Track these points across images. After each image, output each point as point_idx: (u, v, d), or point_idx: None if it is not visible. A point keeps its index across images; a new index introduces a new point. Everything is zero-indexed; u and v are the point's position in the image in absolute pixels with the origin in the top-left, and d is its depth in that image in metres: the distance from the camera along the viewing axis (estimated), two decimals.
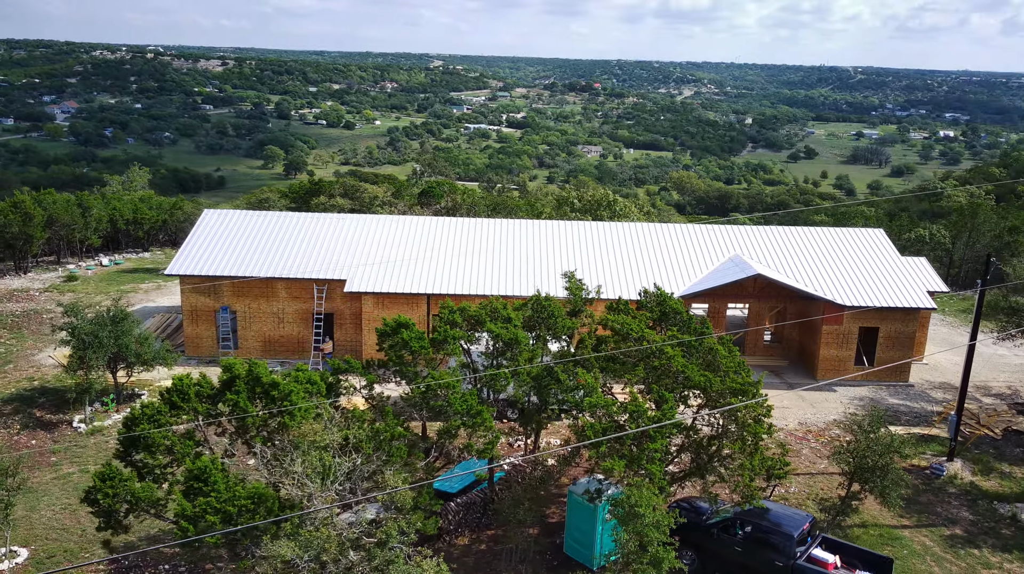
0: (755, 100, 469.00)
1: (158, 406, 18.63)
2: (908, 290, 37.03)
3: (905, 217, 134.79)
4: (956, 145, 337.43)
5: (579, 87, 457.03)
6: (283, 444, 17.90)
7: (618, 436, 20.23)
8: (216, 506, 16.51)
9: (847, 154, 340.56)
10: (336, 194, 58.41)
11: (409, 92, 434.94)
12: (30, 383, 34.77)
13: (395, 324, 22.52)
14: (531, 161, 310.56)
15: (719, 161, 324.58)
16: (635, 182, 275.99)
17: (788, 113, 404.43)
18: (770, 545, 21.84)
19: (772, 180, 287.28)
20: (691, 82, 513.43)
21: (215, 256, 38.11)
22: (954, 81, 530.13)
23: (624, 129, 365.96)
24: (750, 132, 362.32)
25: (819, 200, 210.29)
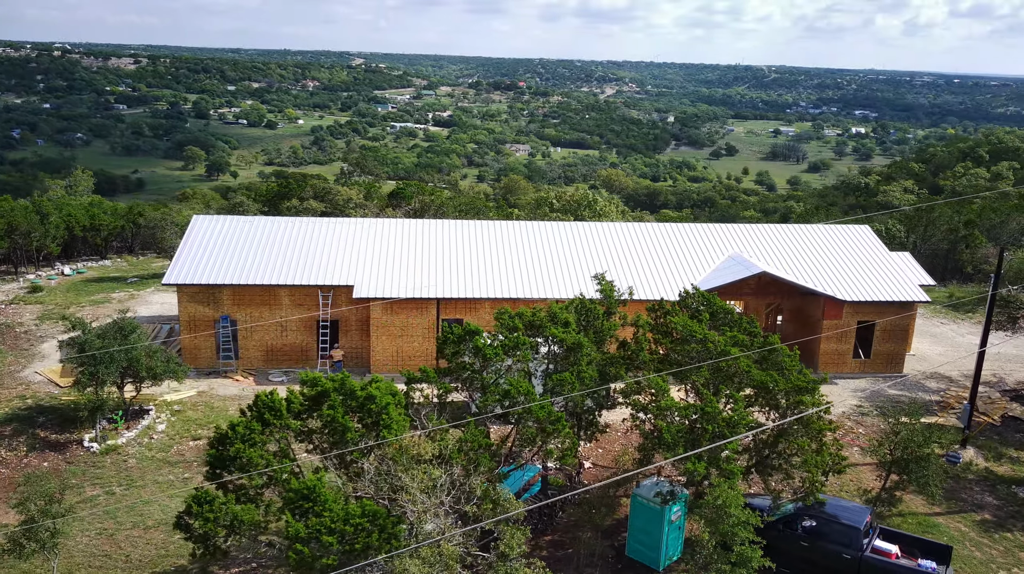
0: (675, 98, 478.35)
1: (248, 423, 17.89)
2: (902, 284, 38.43)
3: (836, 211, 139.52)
4: (868, 141, 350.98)
5: (504, 86, 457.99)
6: (383, 459, 17.45)
7: (717, 446, 20.41)
8: (330, 526, 16.00)
9: (766, 151, 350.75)
10: (307, 197, 57.14)
11: (331, 90, 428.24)
12: (23, 402, 32.98)
13: (463, 332, 22.19)
14: (460, 160, 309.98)
15: (645, 159, 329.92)
16: (565, 180, 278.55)
17: (708, 111, 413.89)
18: (836, 539, 22.37)
19: (696, 177, 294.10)
20: (613, 81, 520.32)
21: (214, 264, 36.84)
22: (862, 80, 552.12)
23: (551, 128, 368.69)
24: (673, 130, 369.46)
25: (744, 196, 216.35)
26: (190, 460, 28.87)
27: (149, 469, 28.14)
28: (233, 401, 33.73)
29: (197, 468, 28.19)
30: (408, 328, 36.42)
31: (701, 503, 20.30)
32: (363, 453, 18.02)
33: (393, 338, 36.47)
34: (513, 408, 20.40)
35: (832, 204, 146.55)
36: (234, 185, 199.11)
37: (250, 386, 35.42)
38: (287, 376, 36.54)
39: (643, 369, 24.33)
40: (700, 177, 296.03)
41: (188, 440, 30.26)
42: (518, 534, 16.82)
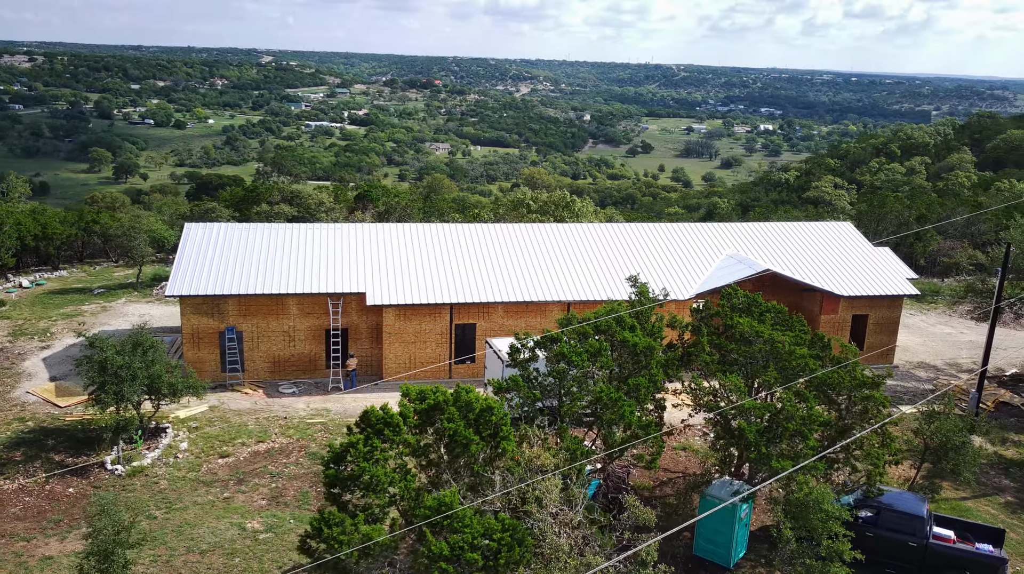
0: (589, 97, 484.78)
1: (367, 439, 17.36)
2: (891, 278, 40.10)
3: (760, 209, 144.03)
4: (775, 138, 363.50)
5: (420, 84, 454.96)
6: (504, 471, 17.26)
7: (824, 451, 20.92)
8: (472, 542, 15.76)
9: (680, 148, 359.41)
10: (276, 201, 55.56)
11: (242, 89, 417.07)
12: (23, 424, 31.16)
13: (543, 338, 22.08)
14: (379, 159, 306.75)
15: (564, 157, 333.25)
16: (487, 179, 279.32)
17: (623, 110, 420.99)
18: (901, 528, 23.23)
19: (615, 175, 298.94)
20: (527, 79, 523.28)
21: (217, 273, 35.55)
22: (766, 78, 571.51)
23: (469, 126, 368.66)
24: (590, 128, 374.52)
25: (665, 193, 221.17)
26: (224, 478, 27.82)
27: (184, 490, 26.99)
28: (248, 415, 32.69)
29: (234, 487, 27.27)
30: (421, 334, 35.98)
31: (786, 500, 20.78)
32: (484, 466, 17.75)
33: (406, 345, 35.97)
34: (607, 414, 20.45)
35: (755, 200, 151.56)
36: (145, 187, 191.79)
37: (261, 399, 34.36)
38: (298, 387, 35.59)
39: (703, 370, 24.72)
40: (619, 175, 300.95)
41: (215, 458, 29.16)
42: (651, 544, 16.91)
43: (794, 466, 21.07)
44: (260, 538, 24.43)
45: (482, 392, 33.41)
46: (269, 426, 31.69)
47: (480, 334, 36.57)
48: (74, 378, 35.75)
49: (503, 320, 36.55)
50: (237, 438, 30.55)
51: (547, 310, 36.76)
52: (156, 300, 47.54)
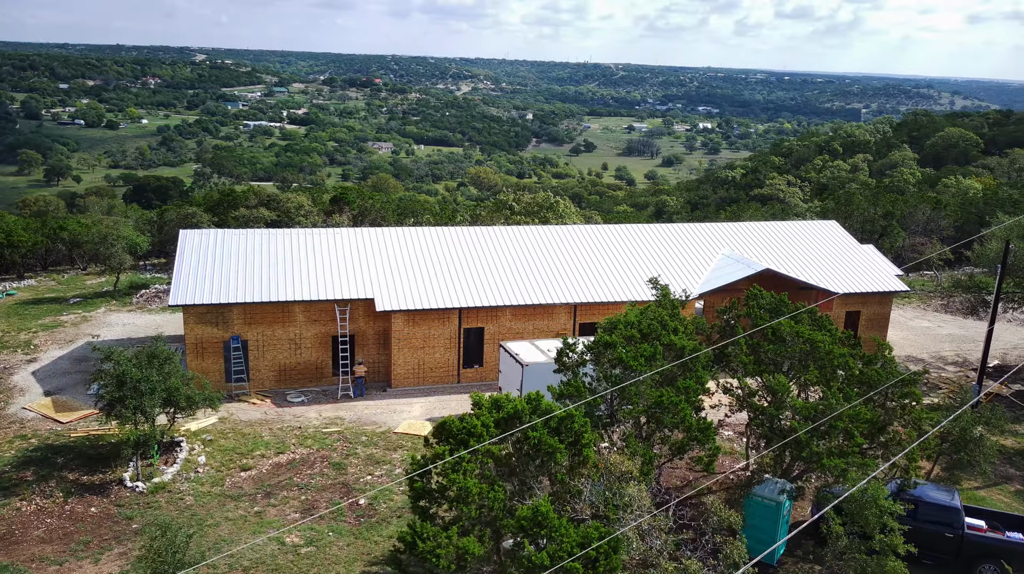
0: (530, 96, 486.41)
1: (456, 451, 17.13)
2: (880, 275, 41.27)
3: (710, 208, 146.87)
4: (714, 136, 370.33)
5: (360, 82, 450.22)
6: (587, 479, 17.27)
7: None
8: (571, 551, 15.75)
9: (622, 147, 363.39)
10: (253, 205, 54.34)
11: (176, 88, 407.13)
12: (27, 442, 29.96)
13: (598, 344, 22.12)
14: (321, 158, 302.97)
15: (509, 156, 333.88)
16: (432, 178, 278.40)
17: (565, 109, 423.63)
18: (937, 519, 23.95)
19: (560, 173, 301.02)
20: (467, 78, 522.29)
21: (220, 281, 34.68)
22: (702, 77, 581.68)
23: (412, 125, 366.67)
24: (533, 127, 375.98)
25: (611, 192, 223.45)
26: (250, 492, 27.18)
27: (212, 506, 26.28)
28: (260, 426, 31.99)
29: (263, 500, 26.67)
30: (430, 339, 35.70)
31: (833, 496, 21.25)
32: (566, 474, 17.71)
33: (415, 350, 35.64)
34: (669, 418, 20.61)
35: (703, 198, 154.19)
36: (80, 190, 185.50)
37: (271, 409, 33.65)
38: (306, 396, 34.95)
39: (740, 370, 25.08)
40: (563, 173, 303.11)
41: (237, 471, 28.46)
42: (740, 546, 17.12)
43: (843, 463, 21.53)
44: (302, 552, 23.96)
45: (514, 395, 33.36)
46: (285, 437, 31.07)
47: (488, 338, 36.46)
48: (71, 392, 34.57)
49: (511, 323, 36.50)
50: (255, 450, 29.89)
51: (554, 312, 36.84)
52: (137, 309, 46.13)
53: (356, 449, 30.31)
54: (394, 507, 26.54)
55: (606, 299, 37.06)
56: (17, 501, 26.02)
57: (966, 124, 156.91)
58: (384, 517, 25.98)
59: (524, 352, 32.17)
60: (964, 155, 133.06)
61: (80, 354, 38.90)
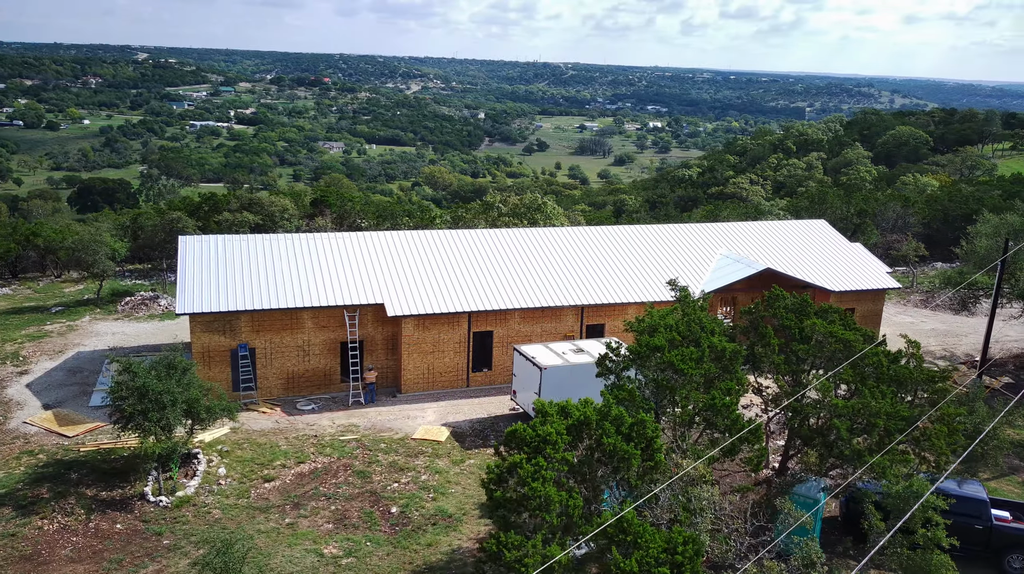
0: (480, 95, 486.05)
1: (534, 460, 17.03)
2: (872, 272, 42.23)
3: (669, 207, 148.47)
4: (664, 135, 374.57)
5: (308, 82, 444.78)
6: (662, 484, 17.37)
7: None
8: (658, 557, 15.83)
9: (575, 146, 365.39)
10: (235, 209, 53.26)
11: (118, 88, 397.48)
12: (35, 458, 28.97)
13: (643, 347, 22.22)
14: (271, 159, 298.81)
15: (462, 155, 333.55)
16: (386, 178, 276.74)
17: (516, 108, 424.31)
18: (966, 511, 24.60)
19: (514, 172, 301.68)
20: (417, 77, 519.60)
21: (227, 289, 33.97)
22: (651, 76, 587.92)
23: (363, 124, 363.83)
24: (485, 126, 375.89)
25: (566, 191, 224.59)
26: (278, 503, 26.70)
27: (241, 518, 25.75)
28: (274, 435, 31.43)
29: (292, 512, 26.23)
30: (440, 344, 35.48)
31: (873, 493, 21.72)
32: (639, 479, 17.76)
33: (424, 355, 35.39)
34: (721, 420, 20.81)
35: (662, 197, 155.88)
36: (21, 193, 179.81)
37: (282, 417, 33.07)
38: (316, 403, 34.44)
39: (772, 371, 25.46)
40: (517, 172, 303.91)
41: (260, 482, 27.93)
42: (814, 545, 17.39)
43: (883, 460, 22.00)
44: (342, 564, 23.65)
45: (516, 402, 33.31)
46: (302, 446, 30.58)
47: (497, 341, 36.38)
48: (71, 405, 33.56)
49: (519, 326, 36.48)
50: (275, 460, 29.37)
51: (561, 315, 36.91)
52: (123, 317, 44.92)
53: (377, 456, 29.98)
54: (427, 515, 26.34)
55: (612, 301, 37.27)
56: (38, 519, 25.17)
57: (914, 122, 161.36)
58: (419, 525, 25.76)
59: (540, 355, 32.18)
60: (915, 153, 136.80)
61: (73, 365, 37.76)
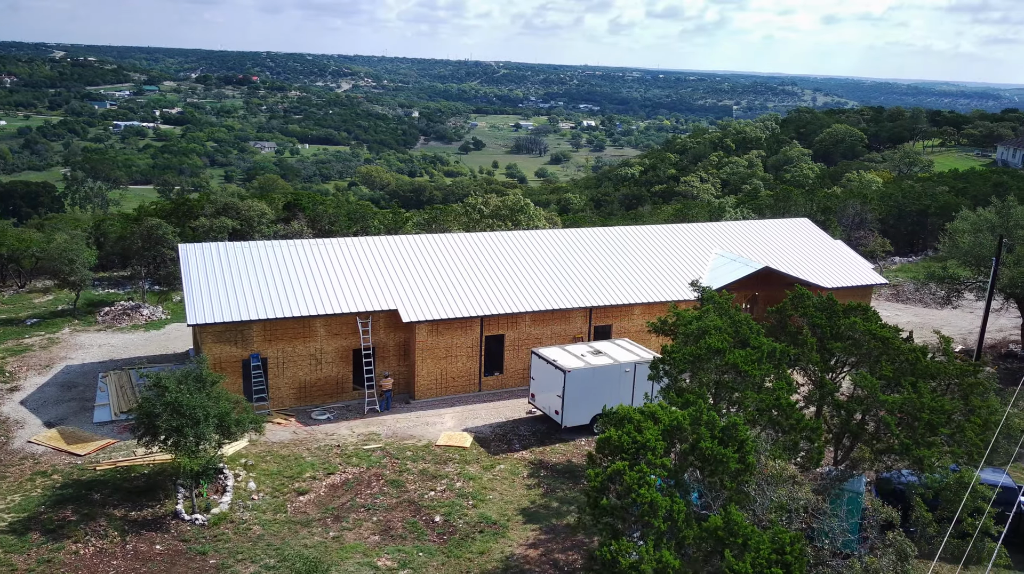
0: (413, 93, 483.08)
1: (632, 466, 17.10)
2: (859, 269, 43.56)
3: (614, 205, 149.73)
4: (598, 133, 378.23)
5: (236, 80, 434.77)
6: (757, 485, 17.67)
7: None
8: (769, 557, 16.11)
9: (510, 145, 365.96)
10: (210, 214, 51.73)
11: (35, 87, 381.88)
12: (49, 479, 27.75)
13: (704, 349, 22.48)
14: (201, 160, 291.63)
15: (398, 154, 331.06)
16: (321, 178, 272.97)
17: (450, 107, 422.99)
18: (999, 499, 25.61)
19: (451, 171, 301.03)
20: (348, 75, 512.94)
21: (237, 298, 33.08)
22: (581, 75, 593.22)
23: (294, 124, 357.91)
24: (420, 125, 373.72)
25: (507, 190, 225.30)
26: (318, 517, 26.16)
27: (284, 534, 25.12)
28: (295, 446, 30.77)
29: (334, 525, 25.77)
30: (453, 349, 35.25)
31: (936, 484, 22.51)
32: (732, 481, 17.99)
33: (438, 360, 35.11)
34: (784, 420, 21.24)
35: (606, 195, 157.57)
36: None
37: (299, 428, 32.38)
38: (331, 413, 33.81)
39: (806, 369, 26.09)
40: (455, 171, 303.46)
41: (295, 495, 27.32)
42: (905, 538, 17.90)
43: (934, 454, 22.78)
44: None
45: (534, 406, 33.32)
46: (327, 456, 30.02)
47: (508, 344, 36.33)
48: (73, 421, 32.28)
49: (530, 329, 36.50)
50: (303, 472, 28.76)
51: (571, 317, 37.07)
52: (105, 328, 43.29)
53: (406, 465, 29.64)
54: (471, 522, 26.17)
55: (619, 302, 37.59)
56: (71, 544, 24.13)
57: (846, 120, 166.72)
58: (465, 533, 25.58)
59: (561, 358, 32.26)
60: (852, 150, 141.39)
61: (64, 380, 36.27)
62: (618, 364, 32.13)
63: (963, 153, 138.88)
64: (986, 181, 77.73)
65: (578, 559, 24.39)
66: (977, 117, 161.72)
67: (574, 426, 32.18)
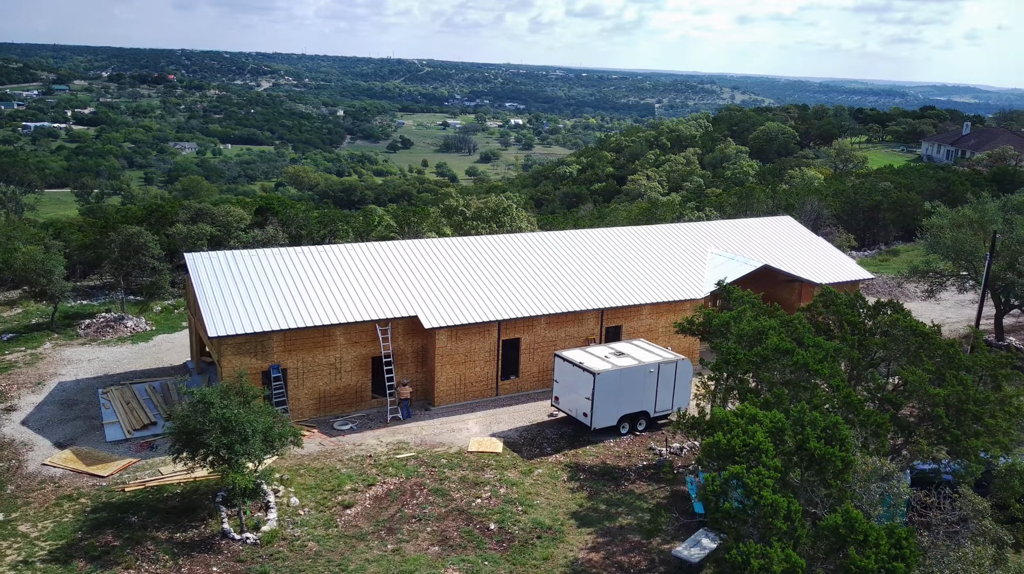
0: (335, 92, 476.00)
1: (749, 469, 17.32)
2: (845, 264, 45.00)
3: (555, 204, 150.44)
4: (526, 131, 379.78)
5: (151, 79, 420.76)
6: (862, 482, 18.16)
7: None
8: (891, 553, 16.61)
9: (439, 143, 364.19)
10: (185, 220, 49.93)
11: None
12: (76, 502, 26.50)
13: (779, 350, 22.88)
14: (119, 161, 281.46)
15: (324, 154, 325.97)
16: (246, 179, 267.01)
17: (376, 105, 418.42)
18: None
19: (381, 171, 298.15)
20: (267, 73, 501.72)
21: (256, 308, 32.13)
22: (506, 74, 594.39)
23: (215, 123, 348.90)
24: (345, 124, 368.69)
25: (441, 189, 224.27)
26: (371, 530, 25.66)
27: (342, 549, 24.56)
28: (326, 459, 30.11)
29: (389, 537, 25.34)
30: (471, 354, 35.02)
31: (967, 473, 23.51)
32: (835, 478, 18.43)
33: (456, 366, 34.83)
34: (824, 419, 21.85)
35: (546, 194, 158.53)
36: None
37: (325, 439, 31.67)
38: (353, 423, 33.16)
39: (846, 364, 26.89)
40: (384, 171, 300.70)
41: (340, 509, 26.74)
42: (995, 525, 18.65)
43: (978, 443, 23.80)
44: None
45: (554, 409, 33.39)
46: (361, 467, 29.47)
47: (524, 348, 36.29)
48: (84, 441, 30.89)
49: (545, 332, 36.53)
50: (342, 485, 28.17)
51: (583, 318, 37.25)
52: (89, 341, 41.44)
53: (444, 473, 29.33)
54: (526, 528, 26.10)
55: (629, 303, 37.96)
56: (121, 570, 23.10)
57: (774, 118, 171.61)
58: (524, 540, 25.49)
59: (587, 360, 32.41)
60: (785, 147, 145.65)
61: (61, 397, 34.62)
62: (643, 365, 32.46)
63: (889, 149, 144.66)
64: (929, 178, 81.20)
65: (641, 561, 24.59)
66: (899, 114, 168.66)
67: (602, 427, 32.37)
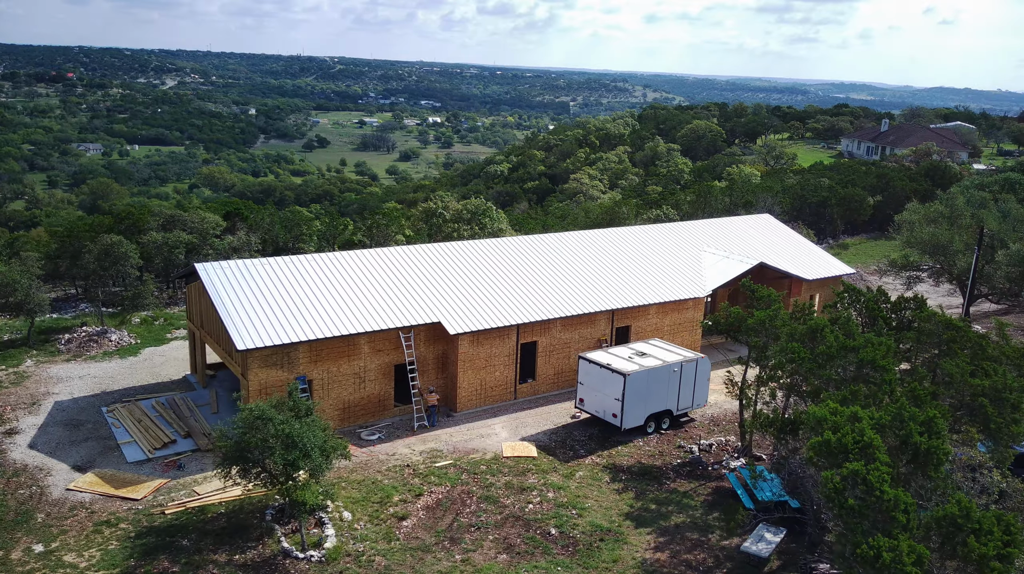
0: (244, 90, 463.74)
1: (867, 466, 17.81)
2: (828, 260, 46.62)
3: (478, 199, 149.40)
4: (445, 130, 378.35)
5: (49, 77, 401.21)
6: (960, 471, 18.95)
7: None
8: (1004, 539, 17.45)
9: (356, 142, 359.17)
10: (156, 227, 47.88)
11: None
12: (117, 528, 25.28)
13: (845, 347, 23.56)
14: (19, 164, 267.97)
15: (238, 154, 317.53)
16: (157, 180, 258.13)
17: (288, 103, 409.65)
18: None
19: (298, 170, 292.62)
20: (172, 71, 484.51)
21: (280, 319, 31.19)
22: (419, 71, 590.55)
23: (120, 123, 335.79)
24: (258, 123, 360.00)
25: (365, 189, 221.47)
26: (434, 541, 25.30)
27: (411, 563, 24.14)
28: (364, 470, 29.54)
29: (454, 547, 25.07)
30: (492, 358, 34.87)
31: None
32: (934, 469, 19.15)
33: (478, 371, 34.63)
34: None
35: (478, 193, 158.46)
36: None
37: (356, 451, 30.96)
38: (381, 433, 32.55)
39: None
40: (301, 170, 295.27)
41: (396, 521, 26.26)
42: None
43: (1020, 430, 25.13)
44: None
45: None
46: (403, 477, 29.02)
47: (540, 351, 36.33)
48: (103, 462, 29.47)
49: (560, 334, 36.67)
50: (390, 496, 27.69)
51: (595, 320, 37.54)
52: (73, 357, 39.39)
53: (487, 479, 29.15)
54: (587, 531, 26.20)
55: (638, 303, 38.44)
56: None
57: (699, 116, 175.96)
58: (588, 543, 25.59)
59: (614, 362, 32.71)
60: (713, 145, 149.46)
61: (63, 418, 32.86)
62: (667, 365, 32.97)
63: (810, 146, 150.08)
64: (867, 174, 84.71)
65: (707, 558, 25.04)
66: (816, 112, 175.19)
67: (631, 427, 32.72)
